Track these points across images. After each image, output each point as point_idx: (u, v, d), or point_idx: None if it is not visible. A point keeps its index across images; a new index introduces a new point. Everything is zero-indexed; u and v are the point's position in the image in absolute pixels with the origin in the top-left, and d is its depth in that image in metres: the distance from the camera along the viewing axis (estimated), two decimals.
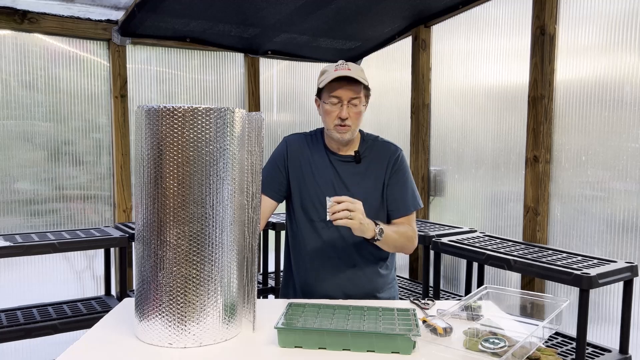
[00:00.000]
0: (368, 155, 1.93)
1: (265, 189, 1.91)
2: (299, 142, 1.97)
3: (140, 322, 1.44)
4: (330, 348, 1.38)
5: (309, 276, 1.93)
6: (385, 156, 1.94)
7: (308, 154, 1.94)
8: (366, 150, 1.93)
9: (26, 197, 3.05)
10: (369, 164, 1.92)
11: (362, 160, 1.91)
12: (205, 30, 3.25)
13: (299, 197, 1.92)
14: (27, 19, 2.93)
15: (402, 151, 1.98)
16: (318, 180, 1.90)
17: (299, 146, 1.95)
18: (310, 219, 1.91)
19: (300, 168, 1.92)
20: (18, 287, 3.03)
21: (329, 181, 1.90)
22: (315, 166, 1.92)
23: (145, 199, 1.42)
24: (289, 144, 1.97)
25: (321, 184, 1.89)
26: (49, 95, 3.10)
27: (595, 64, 2.54)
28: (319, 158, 1.93)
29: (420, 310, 1.68)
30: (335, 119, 1.83)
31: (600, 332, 2.53)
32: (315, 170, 1.91)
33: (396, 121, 3.79)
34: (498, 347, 1.27)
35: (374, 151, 1.94)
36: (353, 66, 1.84)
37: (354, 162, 1.91)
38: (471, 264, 2.89)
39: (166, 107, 1.38)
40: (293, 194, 1.93)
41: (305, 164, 1.93)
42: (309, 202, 1.90)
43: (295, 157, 1.94)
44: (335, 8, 2.96)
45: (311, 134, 2.00)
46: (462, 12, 3.21)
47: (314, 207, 1.89)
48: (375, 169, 1.92)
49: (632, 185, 2.40)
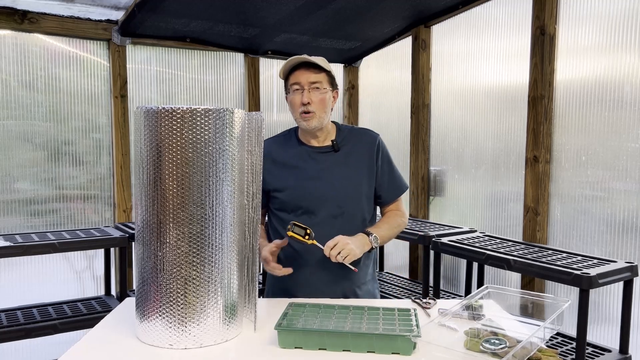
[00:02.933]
0: (347, 144, 1.94)
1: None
2: (272, 145, 1.97)
3: (141, 323, 1.44)
4: (331, 349, 1.38)
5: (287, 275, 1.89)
6: (366, 142, 1.95)
7: (282, 152, 1.95)
8: (344, 140, 1.94)
9: (26, 197, 3.05)
10: (349, 152, 1.93)
11: (341, 149, 1.92)
12: (205, 30, 3.25)
13: (279, 195, 1.91)
14: (27, 19, 2.93)
15: (380, 136, 2.00)
16: (297, 173, 1.90)
17: (272, 149, 1.95)
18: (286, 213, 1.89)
19: (277, 168, 1.92)
20: (18, 287, 3.03)
21: (308, 173, 1.89)
22: (293, 161, 1.92)
23: (144, 200, 1.41)
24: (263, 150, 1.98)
25: (301, 177, 1.89)
26: (49, 95, 3.10)
27: (595, 64, 2.54)
28: (295, 153, 1.93)
29: (422, 309, 1.69)
30: (299, 106, 1.85)
31: (600, 332, 2.53)
32: (294, 165, 1.92)
33: (396, 121, 3.79)
34: (499, 347, 1.27)
35: (352, 139, 1.96)
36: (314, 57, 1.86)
37: (333, 151, 1.92)
38: (471, 264, 2.90)
39: (165, 109, 1.38)
40: (273, 194, 1.93)
41: (282, 163, 1.93)
42: (291, 196, 1.89)
43: (270, 160, 1.93)
44: (335, 8, 2.96)
45: (283, 134, 2.02)
46: (462, 12, 3.21)
47: (297, 199, 1.88)
48: (356, 155, 1.93)
49: (632, 185, 2.40)
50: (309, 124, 1.85)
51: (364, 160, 1.93)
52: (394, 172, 1.99)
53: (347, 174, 1.90)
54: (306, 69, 1.84)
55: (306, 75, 1.83)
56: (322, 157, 1.92)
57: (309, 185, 1.88)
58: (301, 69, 1.84)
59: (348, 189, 1.88)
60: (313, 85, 1.83)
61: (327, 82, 1.87)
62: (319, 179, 1.88)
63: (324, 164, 1.91)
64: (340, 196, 1.87)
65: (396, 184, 2.00)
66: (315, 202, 1.87)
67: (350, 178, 1.90)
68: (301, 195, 1.87)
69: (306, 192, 1.87)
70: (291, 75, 1.87)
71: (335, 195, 1.87)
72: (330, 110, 1.91)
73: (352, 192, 1.89)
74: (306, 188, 1.87)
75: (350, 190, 1.88)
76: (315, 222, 1.85)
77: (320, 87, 1.84)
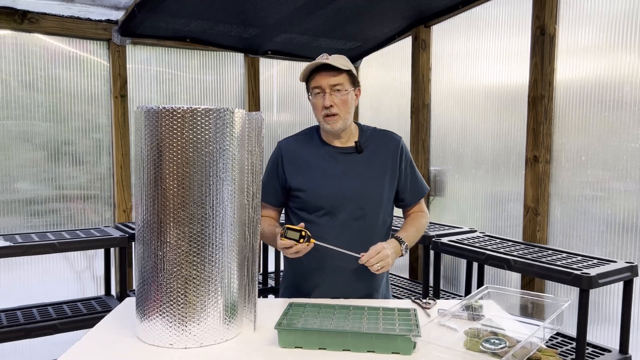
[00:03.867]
0: (369, 145, 1.93)
1: (268, 198, 1.93)
2: (292, 144, 1.97)
3: (141, 323, 1.44)
4: (331, 348, 1.38)
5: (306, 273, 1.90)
6: (389, 144, 1.95)
7: (305, 151, 1.93)
8: (367, 141, 1.93)
9: (26, 197, 3.05)
10: (371, 153, 1.92)
11: (364, 150, 1.91)
12: (205, 30, 3.25)
13: (301, 195, 1.90)
14: (27, 19, 2.93)
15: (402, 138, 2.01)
16: (320, 173, 1.89)
17: (293, 148, 1.95)
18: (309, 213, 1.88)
19: (299, 167, 1.91)
20: (18, 287, 3.03)
21: (331, 173, 1.88)
22: (315, 161, 1.91)
23: (145, 200, 1.42)
24: (282, 149, 1.96)
25: (324, 177, 1.88)
26: (49, 95, 3.10)
27: (595, 64, 2.54)
28: (318, 153, 1.92)
29: (422, 309, 1.69)
30: (321, 109, 1.84)
31: (600, 332, 2.53)
32: (317, 165, 1.90)
33: (396, 121, 3.79)
34: (499, 347, 1.27)
35: (375, 140, 1.95)
36: (334, 56, 1.85)
37: (356, 152, 1.91)
38: (471, 264, 2.89)
39: (165, 108, 1.38)
40: (294, 193, 1.91)
41: (304, 162, 1.91)
42: (313, 196, 1.88)
43: (291, 158, 1.93)
44: (335, 8, 2.96)
45: (304, 133, 2.01)
46: (462, 12, 3.21)
47: (319, 200, 1.87)
48: (378, 157, 1.92)
49: (632, 185, 2.40)
50: (333, 126, 1.84)
51: (387, 162, 1.92)
52: (416, 175, 2.00)
53: (370, 176, 1.89)
54: (326, 71, 1.81)
55: (326, 79, 1.81)
56: (345, 158, 1.91)
57: (332, 185, 1.86)
58: (321, 72, 1.82)
59: (370, 191, 1.87)
60: (334, 87, 1.82)
61: (348, 83, 1.84)
62: (342, 179, 1.87)
63: (347, 164, 1.90)
64: (362, 198, 1.86)
65: (419, 187, 2.00)
66: (337, 203, 1.86)
67: (373, 179, 1.89)
68: (323, 196, 1.86)
69: (328, 193, 1.86)
70: (312, 79, 1.85)
71: (357, 197, 1.86)
72: (353, 109, 1.89)
73: (374, 193, 1.87)
74: (329, 189, 1.86)
75: (372, 192, 1.87)
76: (336, 223, 1.86)
77: (341, 89, 1.83)
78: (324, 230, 1.86)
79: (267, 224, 1.91)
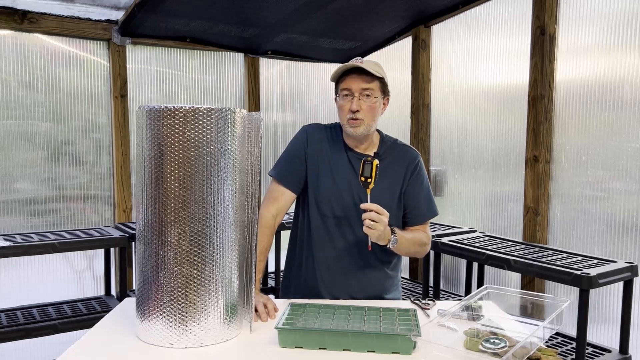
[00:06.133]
0: (387, 157, 1.90)
1: (285, 181, 1.88)
2: (319, 133, 1.92)
3: (141, 322, 1.44)
4: (331, 348, 1.38)
5: (315, 274, 1.89)
6: (405, 161, 1.91)
7: (327, 147, 1.90)
8: (385, 152, 1.91)
9: (26, 197, 3.05)
10: (388, 166, 1.88)
11: (381, 162, 1.86)
12: (205, 30, 3.25)
13: (314, 191, 1.88)
14: (27, 19, 2.93)
15: (421, 157, 1.97)
16: (335, 176, 1.87)
17: (319, 138, 1.91)
18: (322, 215, 1.87)
19: (318, 161, 1.89)
20: (18, 287, 3.03)
21: (345, 178, 1.86)
22: (333, 161, 1.88)
23: (146, 199, 1.42)
24: (309, 134, 1.92)
25: (337, 181, 1.86)
26: (49, 95, 3.10)
27: (595, 64, 2.54)
28: (337, 154, 1.89)
29: (421, 310, 1.69)
30: (347, 112, 1.80)
31: (600, 332, 2.53)
32: (333, 166, 1.88)
33: (396, 121, 3.79)
34: (499, 347, 1.27)
35: (393, 154, 1.92)
36: (367, 60, 1.82)
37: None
38: (471, 264, 2.90)
39: (167, 108, 1.38)
40: (309, 187, 1.89)
41: (324, 158, 1.89)
42: (323, 197, 1.86)
43: (315, 148, 1.89)
44: (335, 8, 2.96)
45: (330, 127, 1.96)
46: (462, 12, 3.21)
47: (328, 202, 1.86)
48: (393, 171, 1.89)
49: (632, 185, 2.41)
50: (355, 130, 1.81)
51: (401, 176, 1.89)
52: (422, 197, 1.93)
53: (384, 187, 1.85)
54: (359, 74, 1.78)
55: (358, 82, 1.78)
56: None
57: (346, 192, 1.85)
58: (353, 75, 1.79)
59: (382, 202, 1.80)
60: (364, 92, 1.79)
61: (378, 90, 1.82)
62: (354, 186, 1.85)
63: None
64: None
65: (428, 207, 1.94)
66: (349, 210, 1.84)
67: (386, 191, 1.86)
68: (336, 201, 1.85)
69: (342, 199, 1.85)
70: (343, 80, 1.81)
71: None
72: (378, 117, 1.86)
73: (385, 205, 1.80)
74: (343, 196, 1.85)
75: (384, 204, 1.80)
76: (346, 230, 1.85)
77: (371, 95, 1.80)
78: (330, 235, 1.86)
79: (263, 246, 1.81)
